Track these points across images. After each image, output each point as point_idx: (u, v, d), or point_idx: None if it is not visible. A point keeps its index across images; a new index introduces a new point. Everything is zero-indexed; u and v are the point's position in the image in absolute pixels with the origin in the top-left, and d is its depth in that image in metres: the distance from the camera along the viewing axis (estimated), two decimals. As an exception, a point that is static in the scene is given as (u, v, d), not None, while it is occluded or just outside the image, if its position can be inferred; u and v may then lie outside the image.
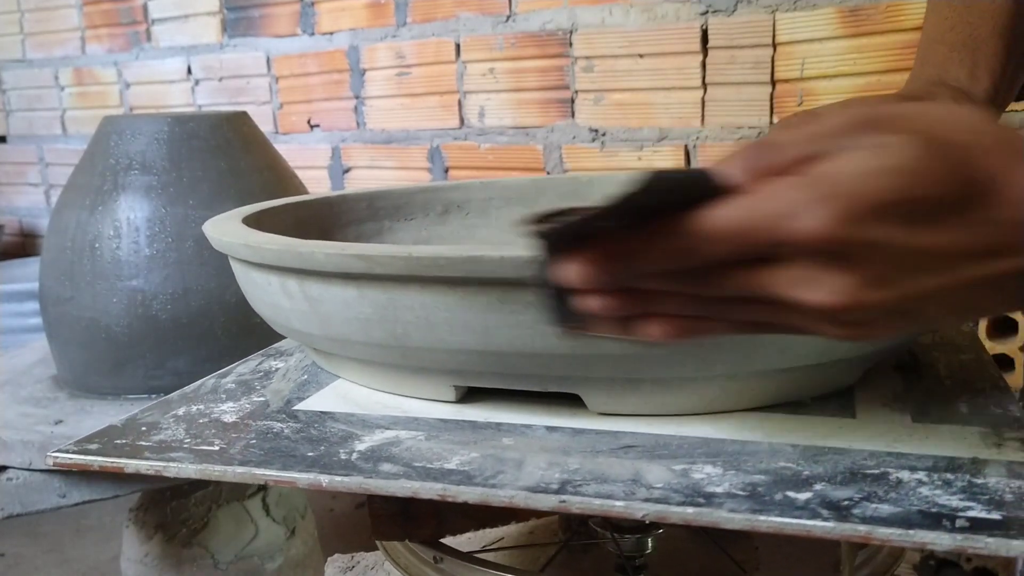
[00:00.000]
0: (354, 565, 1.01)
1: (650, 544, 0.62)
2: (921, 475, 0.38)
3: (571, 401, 0.47)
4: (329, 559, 1.04)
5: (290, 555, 1.02)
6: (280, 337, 0.66)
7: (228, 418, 0.51)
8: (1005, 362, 1.00)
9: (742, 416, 0.46)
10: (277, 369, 0.61)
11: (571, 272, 0.32)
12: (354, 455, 0.43)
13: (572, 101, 1.25)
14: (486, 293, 0.42)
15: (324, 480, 0.41)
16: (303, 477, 0.41)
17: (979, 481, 0.37)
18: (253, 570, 0.99)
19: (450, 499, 0.39)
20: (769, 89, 1.10)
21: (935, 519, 0.34)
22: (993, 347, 0.99)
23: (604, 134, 1.23)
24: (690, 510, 0.36)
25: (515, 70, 1.28)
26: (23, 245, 1.97)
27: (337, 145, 1.49)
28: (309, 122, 1.51)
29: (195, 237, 0.90)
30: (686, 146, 1.16)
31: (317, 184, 1.50)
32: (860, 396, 0.48)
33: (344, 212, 0.72)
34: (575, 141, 1.25)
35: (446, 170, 1.38)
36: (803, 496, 0.36)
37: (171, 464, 0.44)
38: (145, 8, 1.67)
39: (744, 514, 0.35)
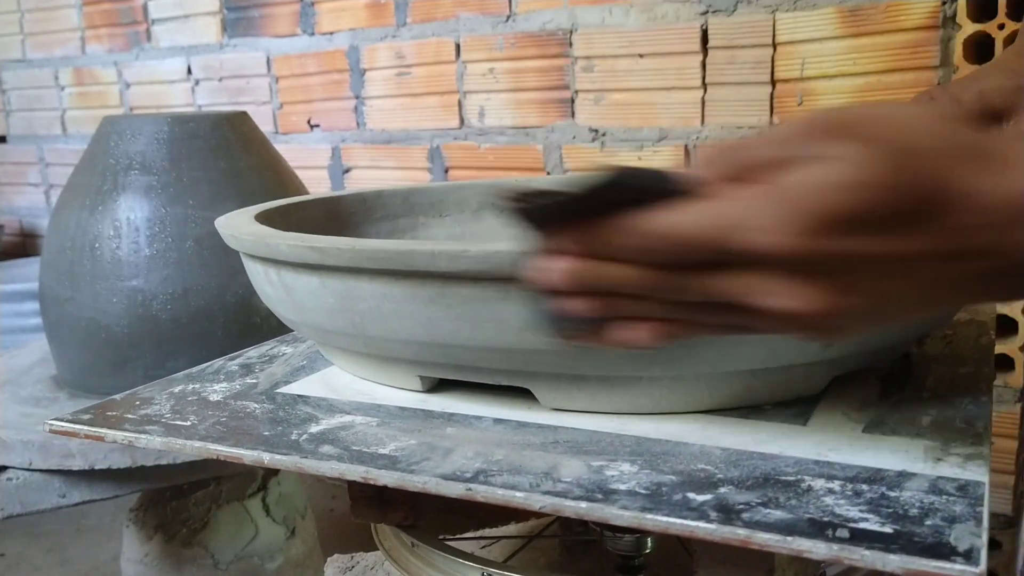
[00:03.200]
0: (354, 565, 1.01)
1: (649, 544, 0.62)
2: (835, 485, 0.38)
3: (531, 397, 0.48)
4: (329, 559, 1.04)
5: (290, 555, 1.02)
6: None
7: (214, 397, 0.53)
8: (1005, 362, 1.00)
9: (690, 418, 0.46)
10: (283, 354, 0.62)
11: (554, 268, 0.33)
12: (303, 437, 0.45)
13: (572, 101, 1.25)
14: (426, 286, 0.43)
15: (265, 458, 0.43)
16: (248, 454, 0.44)
17: (892, 494, 0.37)
18: (253, 570, 0.99)
19: (371, 482, 0.41)
20: (769, 89, 1.10)
21: (820, 528, 0.34)
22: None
23: (604, 134, 1.23)
24: (583, 504, 0.37)
25: (515, 70, 1.28)
26: (23, 245, 1.97)
27: (337, 145, 1.49)
28: (309, 122, 1.51)
29: (195, 237, 0.90)
30: (686, 146, 1.16)
31: (317, 184, 1.50)
32: (824, 404, 0.47)
33: (379, 207, 0.74)
34: (575, 141, 1.25)
35: (446, 170, 1.38)
36: (701, 498, 0.37)
37: (142, 436, 0.47)
38: (145, 8, 1.67)
39: (633, 512, 0.36)
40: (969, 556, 0.31)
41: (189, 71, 1.64)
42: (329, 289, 0.47)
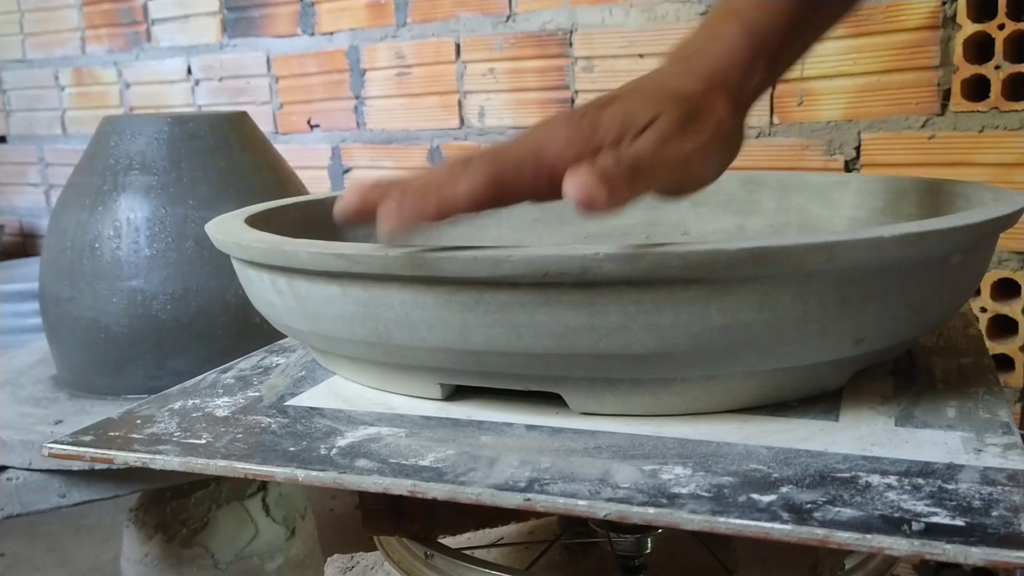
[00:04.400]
0: (354, 565, 1.01)
1: (649, 544, 0.62)
2: (891, 480, 0.38)
3: (557, 401, 0.47)
4: (329, 559, 1.04)
5: (290, 555, 1.02)
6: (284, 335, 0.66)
7: (220, 413, 0.51)
8: (1005, 362, 1.00)
9: (723, 417, 0.46)
10: (277, 365, 0.61)
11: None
12: (333, 451, 0.44)
13: (572, 101, 1.25)
14: (462, 292, 0.42)
15: (300, 475, 0.42)
16: (280, 471, 0.42)
17: (950, 487, 0.37)
18: (253, 570, 0.99)
19: (419, 495, 0.40)
20: (769, 89, 1.10)
21: (895, 524, 0.34)
22: (993, 347, 0.99)
23: (604, 134, 1.23)
24: (651, 510, 0.36)
25: (515, 70, 1.28)
26: (23, 245, 1.97)
27: (337, 145, 1.49)
28: (309, 122, 1.51)
29: (195, 237, 0.90)
30: (686, 146, 1.16)
31: (317, 184, 1.50)
32: (847, 399, 0.48)
33: None
34: (575, 141, 1.25)
35: (446, 170, 1.38)
36: (767, 498, 0.36)
37: (157, 456, 0.45)
38: (145, 8, 1.67)
39: (704, 515, 0.35)
40: None
41: (189, 71, 1.64)
42: (351, 298, 0.45)
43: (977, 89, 0.98)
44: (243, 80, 1.57)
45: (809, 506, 0.36)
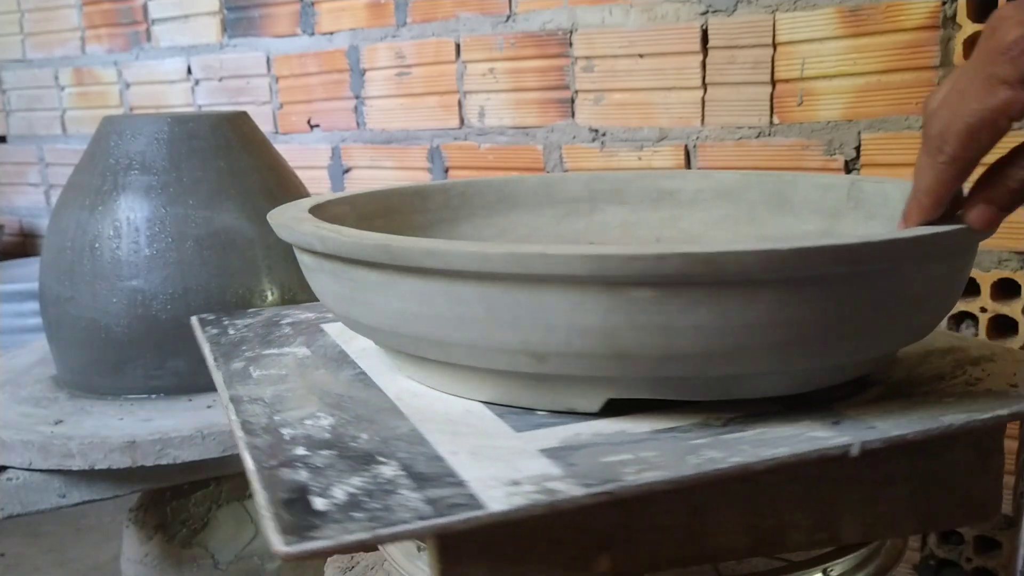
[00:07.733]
0: (354, 565, 1.01)
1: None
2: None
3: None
4: (329, 559, 1.04)
5: (290, 555, 1.02)
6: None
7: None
8: (1005, 362, 1.00)
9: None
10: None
11: None
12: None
13: (572, 101, 1.25)
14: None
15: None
16: None
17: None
18: (253, 570, 0.99)
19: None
20: (769, 89, 1.10)
21: None
22: (993, 347, 0.98)
23: (604, 134, 1.23)
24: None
25: (515, 70, 1.28)
26: (23, 245, 1.97)
27: (337, 145, 1.49)
28: (309, 122, 1.51)
29: (195, 237, 0.90)
30: (686, 146, 1.16)
31: (317, 184, 1.50)
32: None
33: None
34: (575, 141, 1.25)
35: (446, 170, 1.38)
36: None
37: None
38: (145, 8, 1.67)
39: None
40: None
41: (189, 71, 1.64)
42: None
43: (977, 89, 0.98)
44: (243, 80, 1.58)
45: None
